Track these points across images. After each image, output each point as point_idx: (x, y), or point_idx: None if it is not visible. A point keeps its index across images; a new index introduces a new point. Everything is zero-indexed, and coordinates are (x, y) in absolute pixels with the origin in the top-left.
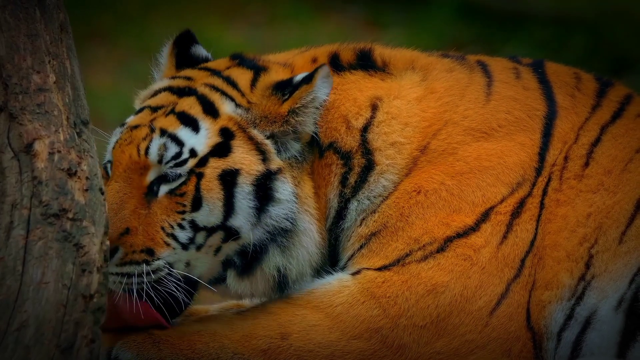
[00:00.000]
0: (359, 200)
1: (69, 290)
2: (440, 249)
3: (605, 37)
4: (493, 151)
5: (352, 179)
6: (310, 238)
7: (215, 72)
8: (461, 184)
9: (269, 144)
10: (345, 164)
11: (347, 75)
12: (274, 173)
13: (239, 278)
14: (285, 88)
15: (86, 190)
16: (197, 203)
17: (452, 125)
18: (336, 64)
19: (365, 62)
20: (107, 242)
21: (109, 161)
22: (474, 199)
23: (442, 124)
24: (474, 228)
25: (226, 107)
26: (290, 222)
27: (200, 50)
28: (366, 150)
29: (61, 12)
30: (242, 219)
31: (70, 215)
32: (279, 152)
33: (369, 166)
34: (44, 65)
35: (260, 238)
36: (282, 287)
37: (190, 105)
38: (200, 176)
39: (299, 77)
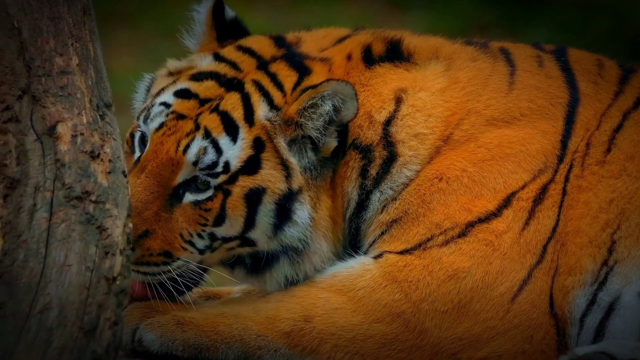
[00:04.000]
0: (381, 192)
1: (92, 273)
2: (462, 234)
3: (627, 20)
4: (515, 138)
5: (373, 171)
6: (319, 257)
7: (263, 65)
8: (483, 171)
9: (292, 161)
10: (364, 157)
11: (377, 69)
12: (295, 193)
13: (248, 275)
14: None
15: (109, 172)
16: (220, 220)
17: (475, 115)
18: (368, 57)
19: (393, 54)
20: (130, 225)
21: (143, 132)
22: (496, 185)
23: (464, 113)
24: (495, 213)
25: (261, 112)
26: (303, 244)
27: (234, 17)
28: (388, 142)
29: None
30: (260, 232)
31: (93, 197)
32: (299, 161)
33: (391, 158)
34: (67, 47)
35: (274, 249)
36: (287, 286)
37: (233, 106)
38: (227, 194)
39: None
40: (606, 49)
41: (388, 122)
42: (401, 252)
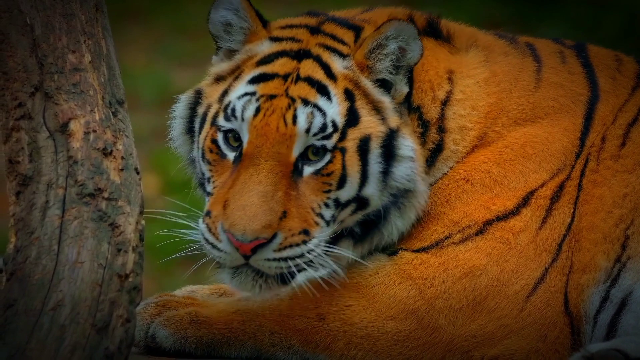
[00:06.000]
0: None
1: (104, 270)
2: (479, 232)
3: (639, 17)
4: (537, 137)
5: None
6: (423, 199)
7: (316, 30)
8: (506, 171)
9: (383, 99)
10: (422, 134)
11: (424, 41)
12: (395, 131)
13: (356, 244)
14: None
15: (121, 169)
16: (342, 181)
17: (506, 115)
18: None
19: (434, 30)
20: (143, 222)
21: (231, 130)
22: (517, 184)
23: (498, 112)
24: (514, 212)
25: (337, 65)
26: (411, 183)
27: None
28: (441, 127)
29: None
30: (373, 186)
31: (105, 194)
32: (390, 100)
33: (438, 148)
34: (80, 45)
35: (385, 203)
36: (399, 242)
37: (312, 70)
38: (343, 152)
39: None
40: (618, 46)
41: (445, 102)
42: (417, 250)
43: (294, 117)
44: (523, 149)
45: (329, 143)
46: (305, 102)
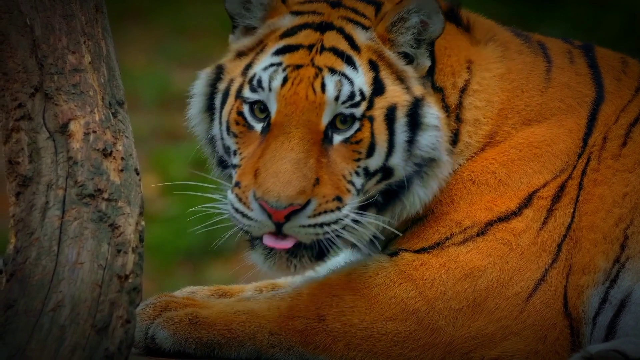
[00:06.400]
0: None
1: (104, 271)
2: (481, 233)
3: (639, 17)
4: (543, 138)
5: None
6: (446, 170)
7: (337, 4)
8: (510, 171)
9: (407, 69)
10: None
11: (447, 25)
12: (420, 100)
13: (377, 213)
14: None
15: (121, 170)
16: (371, 149)
17: (516, 115)
18: None
19: (455, 17)
20: (143, 223)
21: (257, 101)
22: (520, 185)
23: (509, 111)
24: (516, 213)
25: (360, 37)
26: (435, 152)
27: None
28: (458, 116)
29: None
30: (398, 156)
31: (105, 195)
32: (414, 70)
33: (454, 139)
34: (80, 45)
35: (409, 173)
36: (421, 211)
37: (336, 40)
38: (372, 120)
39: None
40: (618, 47)
41: (463, 91)
42: (418, 251)
43: (323, 85)
44: (529, 149)
45: (358, 111)
46: (332, 71)
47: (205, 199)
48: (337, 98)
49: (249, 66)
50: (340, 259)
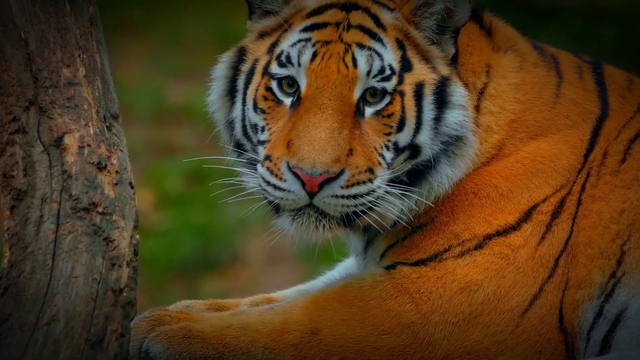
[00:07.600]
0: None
1: (98, 284)
2: (479, 246)
3: (635, 29)
4: (547, 153)
5: None
6: (473, 150)
7: None
8: (513, 185)
9: (433, 48)
10: None
11: (469, 24)
12: (447, 78)
13: (402, 192)
14: None
15: (116, 184)
16: (402, 124)
17: (525, 130)
18: None
19: (478, 18)
20: (137, 236)
21: (285, 77)
22: (521, 199)
23: (519, 124)
24: (514, 227)
25: (385, 16)
26: (462, 130)
27: None
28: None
29: (91, 5)
30: (425, 133)
31: (100, 209)
32: (442, 50)
33: None
34: (74, 59)
35: (435, 152)
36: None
37: (363, 19)
38: (402, 95)
39: None
40: (614, 59)
41: (481, 92)
42: (415, 263)
43: (354, 60)
44: (533, 164)
45: (389, 85)
46: (361, 46)
47: (203, 208)
48: (368, 72)
49: (274, 44)
50: (336, 272)
